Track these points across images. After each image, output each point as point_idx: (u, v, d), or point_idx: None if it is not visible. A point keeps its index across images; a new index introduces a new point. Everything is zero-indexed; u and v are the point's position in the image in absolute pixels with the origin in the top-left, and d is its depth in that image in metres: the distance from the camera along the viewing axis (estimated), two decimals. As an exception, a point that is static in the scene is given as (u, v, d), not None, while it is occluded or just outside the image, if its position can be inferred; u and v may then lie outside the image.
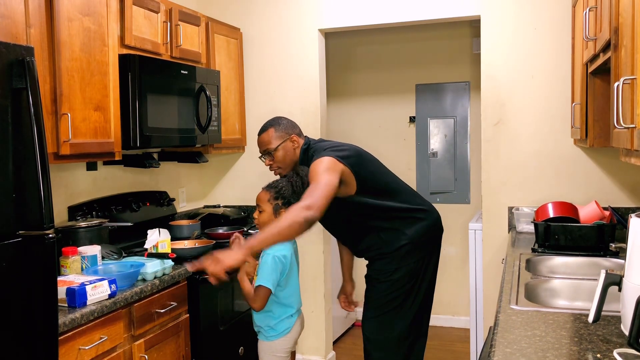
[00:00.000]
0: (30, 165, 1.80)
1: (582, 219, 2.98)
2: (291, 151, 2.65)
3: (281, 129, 2.65)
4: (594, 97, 2.68)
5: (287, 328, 2.55)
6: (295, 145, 2.65)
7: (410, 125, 5.03)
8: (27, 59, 1.81)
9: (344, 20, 3.80)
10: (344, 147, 2.58)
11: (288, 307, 2.55)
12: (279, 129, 2.65)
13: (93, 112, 2.55)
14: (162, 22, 3.06)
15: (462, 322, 4.82)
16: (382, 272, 2.59)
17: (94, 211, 2.93)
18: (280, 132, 2.65)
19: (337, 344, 4.42)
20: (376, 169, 2.66)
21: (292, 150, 2.64)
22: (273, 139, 2.64)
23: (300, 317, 2.63)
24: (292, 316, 2.56)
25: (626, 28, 1.71)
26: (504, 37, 3.48)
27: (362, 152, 2.63)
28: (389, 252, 2.58)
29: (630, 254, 1.53)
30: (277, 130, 2.65)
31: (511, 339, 1.64)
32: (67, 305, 2.12)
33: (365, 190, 2.53)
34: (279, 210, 2.49)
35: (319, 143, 2.66)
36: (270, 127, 2.67)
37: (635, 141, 1.57)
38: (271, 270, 2.43)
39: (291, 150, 2.64)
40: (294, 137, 2.65)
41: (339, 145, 2.60)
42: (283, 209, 2.47)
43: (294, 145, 2.64)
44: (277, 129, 2.65)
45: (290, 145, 2.64)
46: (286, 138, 2.64)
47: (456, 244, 4.89)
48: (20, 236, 1.80)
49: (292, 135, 2.64)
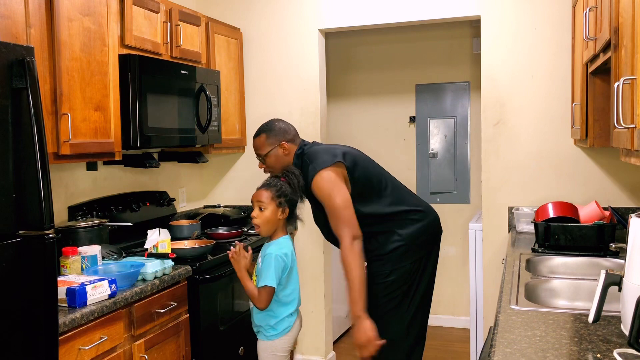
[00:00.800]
0: (30, 165, 1.80)
1: (582, 219, 2.98)
2: (282, 157, 2.66)
3: (272, 135, 2.66)
4: (594, 97, 2.68)
5: (288, 327, 2.55)
6: (287, 152, 2.65)
7: (410, 125, 5.03)
8: (27, 59, 1.81)
9: (344, 20, 3.80)
10: (337, 150, 2.61)
11: (289, 305, 2.55)
12: (271, 135, 2.66)
13: (93, 112, 2.55)
14: (162, 22, 3.06)
15: (462, 322, 4.82)
16: (377, 274, 2.59)
17: (94, 211, 2.93)
18: (272, 138, 2.65)
19: (337, 344, 4.42)
20: (370, 168, 2.67)
21: (282, 156, 2.65)
22: (264, 145, 2.66)
23: (299, 316, 2.64)
24: (292, 315, 2.56)
25: (626, 28, 1.71)
26: (504, 37, 3.49)
27: (354, 152, 2.66)
28: (384, 254, 2.58)
29: (630, 254, 1.53)
30: (268, 137, 2.66)
31: (511, 339, 1.64)
32: (67, 305, 2.12)
33: (358, 190, 2.56)
34: (281, 209, 2.50)
35: (313, 147, 2.67)
36: (262, 133, 2.68)
37: (635, 141, 1.57)
38: (274, 270, 2.45)
39: (282, 156, 2.65)
40: (285, 145, 2.64)
41: (331, 148, 2.64)
42: (286, 207, 2.50)
43: (285, 152, 2.65)
44: (269, 135, 2.66)
45: (281, 152, 2.65)
46: (276, 145, 2.64)
47: (456, 244, 4.89)
48: (20, 236, 1.80)
49: (282, 143, 2.64)
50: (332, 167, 2.51)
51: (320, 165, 2.52)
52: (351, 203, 2.48)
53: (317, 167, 2.52)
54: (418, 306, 2.62)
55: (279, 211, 2.49)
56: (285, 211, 2.51)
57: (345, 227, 2.44)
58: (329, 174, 2.49)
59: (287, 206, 2.51)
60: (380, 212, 2.59)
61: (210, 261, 2.92)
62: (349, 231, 2.43)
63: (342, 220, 2.45)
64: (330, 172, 2.50)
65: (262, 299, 2.46)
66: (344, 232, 2.44)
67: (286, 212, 2.51)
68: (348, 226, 2.44)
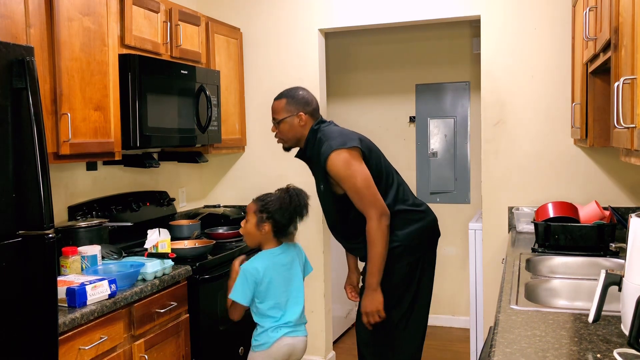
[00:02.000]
0: (30, 165, 1.80)
1: (582, 219, 2.98)
2: (296, 127, 2.59)
3: (294, 102, 2.59)
4: (594, 97, 2.68)
5: (266, 343, 2.43)
6: (302, 123, 2.58)
7: (410, 125, 5.03)
8: (27, 58, 1.81)
9: (344, 20, 3.80)
10: (354, 134, 2.58)
11: (269, 318, 2.44)
12: (291, 102, 2.59)
13: (93, 112, 2.55)
14: (162, 22, 3.06)
15: (462, 322, 4.82)
16: None
17: (94, 211, 2.93)
18: (292, 106, 2.59)
19: (337, 344, 4.42)
20: (382, 160, 2.63)
21: (297, 126, 2.59)
22: (282, 110, 2.59)
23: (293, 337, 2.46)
24: (275, 330, 2.44)
25: (626, 28, 1.71)
26: (504, 37, 3.48)
27: (369, 142, 2.63)
28: None
29: (630, 254, 1.53)
30: (288, 103, 2.59)
31: (511, 339, 1.64)
32: (67, 305, 2.12)
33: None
34: (261, 224, 2.45)
35: (330, 126, 2.62)
36: (284, 97, 2.61)
37: (635, 141, 1.57)
38: (240, 283, 2.42)
39: (296, 126, 2.59)
40: (302, 116, 2.57)
41: (349, 132, 2.59)
42: (266, 223, 2.44)
43: (301, 123, 2.58)
44: (290, 101, 2.59)
45: (296, 122, 2.58)
46: (294, 113, 2.58)
47: (456, 244, 4.88)
48: (20, 236, 1.80)
49: (300, 113, 2.57)
50: (349, 149, 2.47)
51: (336, 145, 2.47)
52: (372, 181, 2.46)
53: (332, 146, 2.47)
54: (417, 309, 2.60)
55: (260, 226, 2.45)
56: (264, 227, 2.44)
57: (372, 206, 2.44)
58: (345, 154, 2.46)
59: (269, 222, 2.44)
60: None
61: (210, 261, 2.92)
62: (375, 210, 2.44)
63: (367, 199, 2.45)
64: (346, 153, 2.46)
65: (231, 311, 2.47)
66: (370, 211, 2.45)
67: (266, 228, 2.44)
68: (374, 205, 2.44)
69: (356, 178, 2.44)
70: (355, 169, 2.46)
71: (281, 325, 2.45)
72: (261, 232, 2.46)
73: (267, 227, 2.45)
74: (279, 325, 2.45)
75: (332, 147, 2.46)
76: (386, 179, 2.60)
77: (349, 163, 2.45)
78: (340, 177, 2.47)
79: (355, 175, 2.45)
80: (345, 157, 2.46)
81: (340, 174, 2.47)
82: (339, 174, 2.47)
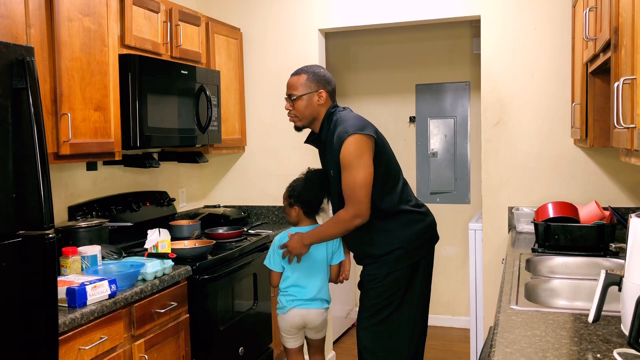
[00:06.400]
0: (30, 165, 1.80)
1: (582, 219, 2.98)
2: (314, 105, 2.52)
3: (314, 79, 2.51)
4: (594, 97, 2.68)
5: (283, 308, 2.75)
6: (321, 102, 2.51)
7: (410, 125, 5.03)
8: (27, 59, 1.81)
9: (344, 20, 3.80)
10: (370, 124, 2.50)
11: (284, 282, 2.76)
12: (312, 79, 2.51)
13: (93, 112, 2.55)
14: (162, 22, 3.06)
15: (462, 322, 4.82)
16: (374, 276, 2.56)
17: (94, 211, 2.93)
18: (312, 82, 2.51)
19: (337, 344, 4.42)
20: (392, 156, 2.60)
21: (315, 105, 2.51)
22: (301, 85, 2.52)
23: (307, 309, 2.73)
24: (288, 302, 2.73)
25: (626, 28, 1.71)
26: (504, 37, 3.49)
27: (382, 136, 2.57)
28: (380, 256, 2.54)
29: (630, 254, 1.53)
30: (309, 78, 2.52)
31: (511, 339, 1.64)
32: (67, 305, 2.12)
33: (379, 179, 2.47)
34: (291, 208, 2.75)
35: (346, 111, 2.55)
36: (304, 73, 2.54)
37: (635, 141, 1.57)
38: (270, 252, 2.77)
39: (315, 104, 2.51)
40: (322, 93, 2.50)
41: (365, 121, 2.51)
42: (295, 206, 2.73)
43: (320, 102, 2.51)
44: (310, 77, 2.52)
45: (315, 99, 2.51)
46: (314, 90, 2.50)
47: (456, 244, 4.89)
48: (20, 236, 1.80)
49: (320, 91, 2.50)
50: (366, 135, 2.41)
51: (353, 129, 2.40)
52: (371, 182, 2.41)
53: (349, 130, 2.40)
54: (416, 311, 2.59)
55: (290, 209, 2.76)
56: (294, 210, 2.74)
57: (356, 203, 2.41)
58: (361, 140, 2.39)
59: (297, 205, 2.72)
60: (390, 210, 2.53)
61: (210, 261, 2.92)
62: (355, 208, 2.42)
63: (355, 196, 2.40)
64: (363, 139, 2.39)
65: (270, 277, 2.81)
66: (351, 206, 2.43)
67: (295, 210, 2.74)
68: (358, 204, 2.41)
69: (359, 172, 2.38)
70: (363, 163, 2.39)
71: (295, 299, 2.73)
72: (293, 214, 2.77)
73: (296, 209, 2.74)
74: (293, 299, 2.73)
75: (350, 131, 2.39)
76: (394, 177, 2.57)
77: (361, 152, 2.38)
78: (346, 163, 2.40)
79: (359, 169, 2.38)
80: (360, 144, 2.38)
81: (348, 159, 2.40)
82: (346, 158, 2.40)
